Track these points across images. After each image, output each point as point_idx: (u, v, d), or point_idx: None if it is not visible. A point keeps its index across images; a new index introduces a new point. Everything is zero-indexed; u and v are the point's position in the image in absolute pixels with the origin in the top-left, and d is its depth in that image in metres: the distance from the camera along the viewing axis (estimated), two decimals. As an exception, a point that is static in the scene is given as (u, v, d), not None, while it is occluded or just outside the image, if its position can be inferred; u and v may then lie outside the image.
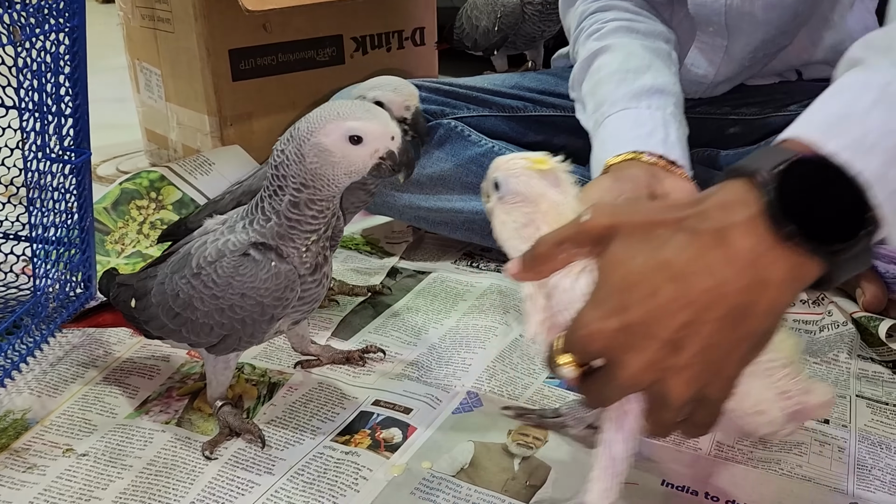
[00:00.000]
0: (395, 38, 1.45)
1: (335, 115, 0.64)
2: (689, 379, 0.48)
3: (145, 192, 1.21)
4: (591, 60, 0.95)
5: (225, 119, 1.30)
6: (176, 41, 1.31)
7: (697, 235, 0.47)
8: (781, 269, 0.46)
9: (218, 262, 0.67)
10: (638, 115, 0.84)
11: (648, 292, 0.47)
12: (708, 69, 1.02)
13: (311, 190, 0.65)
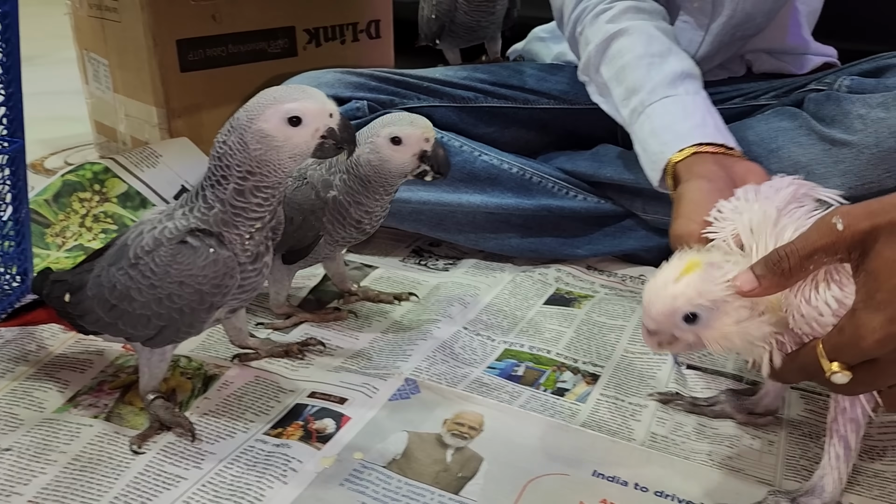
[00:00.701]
0: (349, 31, 1.44)
1: (272, 100, 0.64)
2: None
3: (88, 185, 1.18)
4: (607, 44, 0.94)
5: (173, 111, 1.27)
6: (123, 31, 1.29)
7: None
8: None
9: (155, 250, 0.66)
10: (684, 104, 0.84)
11: None
12: (688, 47, 1.02)
13: (258, 177, 0.65)
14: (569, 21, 1.01)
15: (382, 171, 0.81)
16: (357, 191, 0.83)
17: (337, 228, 0.85)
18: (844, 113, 0.86)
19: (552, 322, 0.93)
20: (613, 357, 0.86)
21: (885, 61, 0.90)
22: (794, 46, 1.08)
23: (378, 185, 0.83)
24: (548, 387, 0.80)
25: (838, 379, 0.51)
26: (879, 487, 0.66)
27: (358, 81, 1.09)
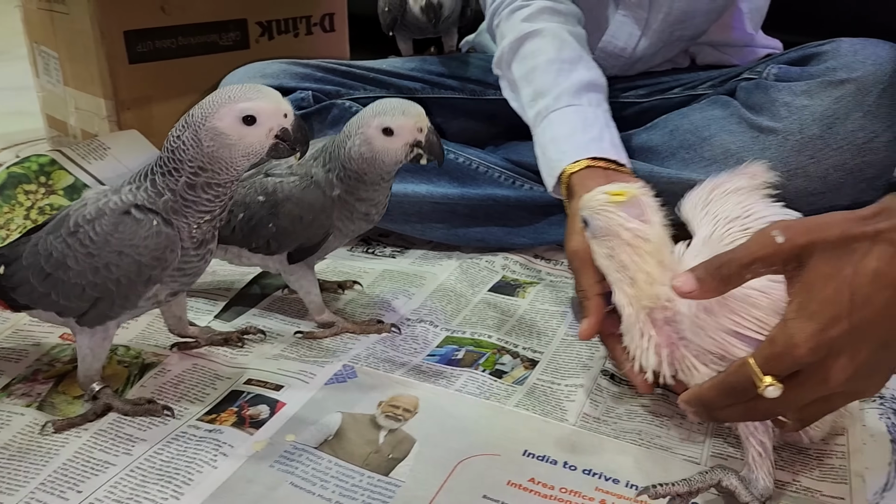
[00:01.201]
0: (303, 24, 1.44)
1: (227, 99, 0.65)
2: (886, 374, 0.52)
3: (34, 177, 1.17)
4: (521, 42, 0.96)
5: (122, 103, 1.26)
6: (71, 23, 1.28)
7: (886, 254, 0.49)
8: None
9: (97, 219, 0.66)
10: (585, 115, 0.87)
11: (865, 301, 0.49)
12: (628, 42, 1.03)
13: (210, 174, 0.66)
14: (488, 13, 1.02)
15: (376, 163, 0.78)
16: (355, 187, 0.80)
17: (346, 224, 0.83)
18: (771, 101, 0.88)
19: (495, 309, 0.94)
20: (553, 342, 0.87)
21: (810, 50, 0.92)
22: (736, 40, 1.10)
23: (374, 176, 0.80)
24: (487, 367, 0.81)
25: (771, 392, 0.52)
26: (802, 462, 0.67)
27: (303, 72, 1.09)
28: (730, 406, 0.55)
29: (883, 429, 0.72)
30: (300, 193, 0.80)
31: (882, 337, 0.50)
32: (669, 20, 1.00)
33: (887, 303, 0.49)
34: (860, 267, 0.50)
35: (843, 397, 0.54)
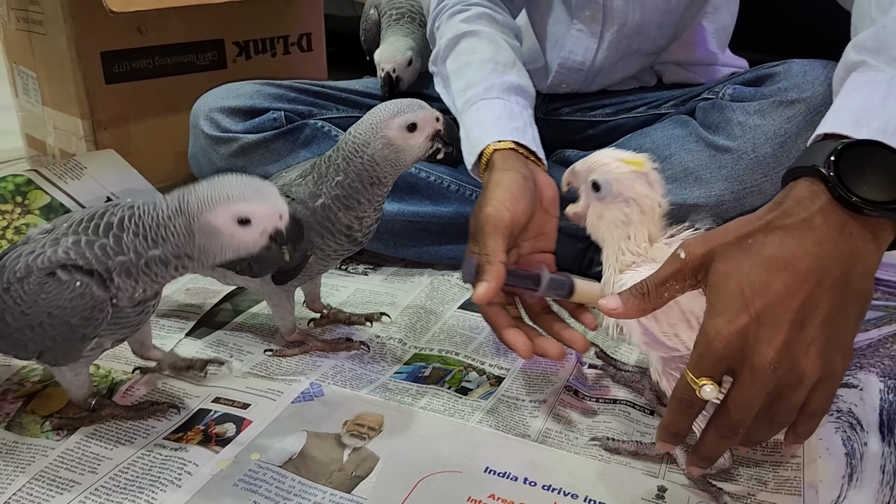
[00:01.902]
0: (280, 44, 1.45)
1: (225, 197, 0.64)
2: (818, 351, 0.53)
3: (10, 197, 1.18)
4: (457, 40, 0.98)
5: (99, 123, 1.27)
6: (49, 43, 1.29)
7: (788, 230, 0.54)
8: (862, 235, 0.54)
9: (26, 278, 0.66)
10: (511, 109, 0.89)
11: (764, 286, 0.53)
12: (585, 55, 1.05)
13: (193, 261, 0.66)
14: (430, 17, 1.05)
15: (398, 161, 0.79)
16: (357, 190, 0.79)
17: (327, 240, 0.82)
18: (727, 120, 0.90)
19: (464, 326, 0.95)
20: (518, 359, 0.88)
21: (764, 70, 0.94)
22: (701, 58, 1.12)
23: (387, 179, 0.80)
24: (452, 384, 0.82)
25: (707, 392, 0.54)
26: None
27: (276, 93, 1.11)
28: (687, 421, 0.57)
29: (838, 441, 0.73)
30: None
31: (791, 317, 0.52)
32: (624, 32, 1.02)
33: (785, 285, 0.52)
34: (755, 258, 0.53)
35: (798, 387, 0.54)
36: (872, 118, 0.56)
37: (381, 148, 0.78)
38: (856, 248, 0.54)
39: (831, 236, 0.53)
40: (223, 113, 1.08)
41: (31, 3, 1.30)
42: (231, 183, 0.66)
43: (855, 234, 0.54)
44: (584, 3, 1.02)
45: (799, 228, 0.54)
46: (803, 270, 0.52)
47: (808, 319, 0.53)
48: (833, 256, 0.53)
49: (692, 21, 1.08)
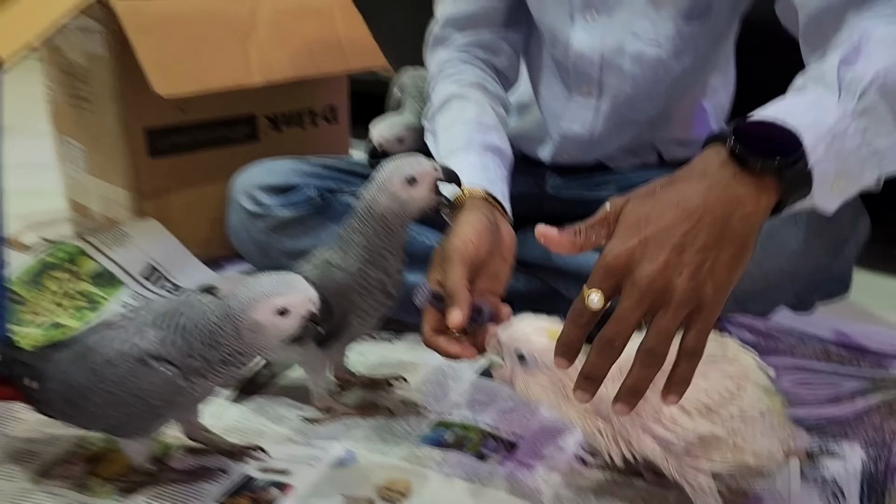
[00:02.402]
0: (307, 117, 1.56)
1: (262, 295, 0.75)
2: (691, 274, 0.63)
3: (62, 264, 1.28)
4: (449, 100, 1.10)
5: (143, 193, 1.38)
6: (97, 119, 1.40)
7: (687, 179, 0.66)
8: (747, 187, 0.65)
9: (117, 363, 0.76)
10: (486, 164, 1.01)
11: (656, 218, 0.64)
12: (583, 126, 1.15)
13: (246, 356, 0.78)
14: (431, 80, 1.17)
15: (405, 213, 0.88)
16: (378, 246, 0.89)
17: (366, 299, 0.91)
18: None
19: (481, 393, 1.04)
20: (531, 425, 0.96)
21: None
22: (700, 137, 1.22)
23: (399, 231, 0.90)
24: (472, 450, 0.91)
25: (593, 300, 0.63)
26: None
27: (309, 170, 1.21)
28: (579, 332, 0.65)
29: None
30: (321, 280, 0.89)
31: (674, 242, 0.63)
32: (618, 104, 1.12)
33: (674, 216, 0.64)
34: (655, 199, 0.65)
35: (670, 306, 0.62)
36: (790, 114, 0.68)
37: (388, 204, 0.88)
38: (740, 195, 0.64)
39: (720, 183, 0.65)
40: (261, 190, 1.18)
41: (80, 81, 1.41)
42: (265, 282, 0.77)
43: (742, 184, 0.65)
44: (581, 80, 1.12)
45: (696, 177, 0.66)
46: (691, 207, 0.64)
47: (687, 246, 0.63)
48: (719, 199, 0.64)
49: (685, 96, 1.17)
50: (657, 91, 1.11)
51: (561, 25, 1.11)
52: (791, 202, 0.68)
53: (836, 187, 0.71)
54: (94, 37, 1.32)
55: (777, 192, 0.66)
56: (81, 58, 1.38)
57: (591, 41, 1.09)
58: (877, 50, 0.74)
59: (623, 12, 1.07)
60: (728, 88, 1.24)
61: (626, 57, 1.08)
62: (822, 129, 0.68)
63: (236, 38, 1.35)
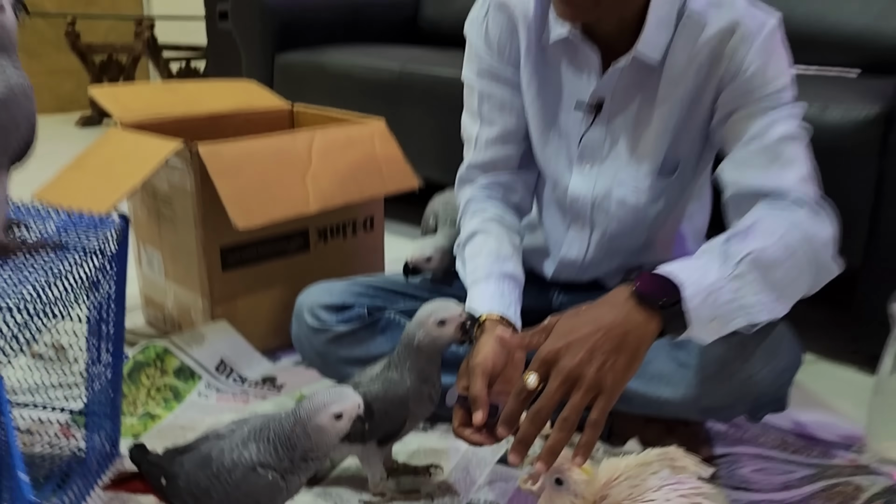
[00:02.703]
0: (350, 227, 1.84)
1: (323, 404, 1.02)
2: (597, 368, 0.92)
3: (152, 362, 1.55)
4: (474, 234, 1.36)
5: (215, 300, 1.65)
6: (177, 237, 1.68)
7: (601, 305, 0.96)
8: (640, 316, 0.95)
9: (233, 470, 1.01)
10: (503, 291, 1.28)
11: (578, 328, 0.94)
12: (578, 254, 1.42)
13: (317, 452, 1.03)
14: (460, 213, 1.44)
15: (436, 346, 1.16)
16: (423, 368, 1.17)
17: (418, 407, 1.18)
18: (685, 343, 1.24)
19: (501, 478, 1.29)
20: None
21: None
22: (680, 256, 1.48)
23: (434, 357, 1.18)
24: (495, 532, 1.16)
25: (530, 381, 0.93)
26: None
27: (359, 290, 1.48)
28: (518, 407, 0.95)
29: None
30: (385, 394, 1.17)
31: (586, 346, 0.93)
32: (604, 238, 1.38)
33: (588, 330, 0.93)
34: (577, 316, 0.96)
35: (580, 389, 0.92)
36: (680, 272, 0.98)
37: (423, 339, 1.16)
38: (635, 320, 0.94)
39: (623, 311, 0.95)
40: (321, 308, 1.44)
41: (164, 204, 1.70)
42: (324, 395, 1.03)
43: (637, 313, 0.94)
44: (576, 216, 1.39)
45: (608, 305, 0.96)
46: (601, 325, 0.93)
47: (596, 350, 0.92)
48: (620, 322, 0.94)
49: (665, 226, 1.44)
50: (637, 229, 1.38)
51: (561, 173, 1.38)
52: (671, 331, 0.98)
53: (711, 327, 1.00)
54: (181, 172, 1.61)
55: (660, 324, 0.96)
56: (166, 186, 1.67)
57: (585, 187, 1.36)
58: (759, 234, 1.05)
59: (610, 166, 1.34)
60: (704, 212, 1.51)
61: (612, 201, 1.35)
62: (702, 285, 0.98)
63: (297, 173, 1.64)
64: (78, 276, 1.08)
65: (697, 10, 1.19)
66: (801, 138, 1.16)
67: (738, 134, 1.18)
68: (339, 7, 3.06)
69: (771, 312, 1.04)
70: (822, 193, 1.16)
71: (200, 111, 1.91)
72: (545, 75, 1.33)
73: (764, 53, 1.16)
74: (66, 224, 1.16)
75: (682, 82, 1.22)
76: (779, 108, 1.15)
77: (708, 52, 1.19)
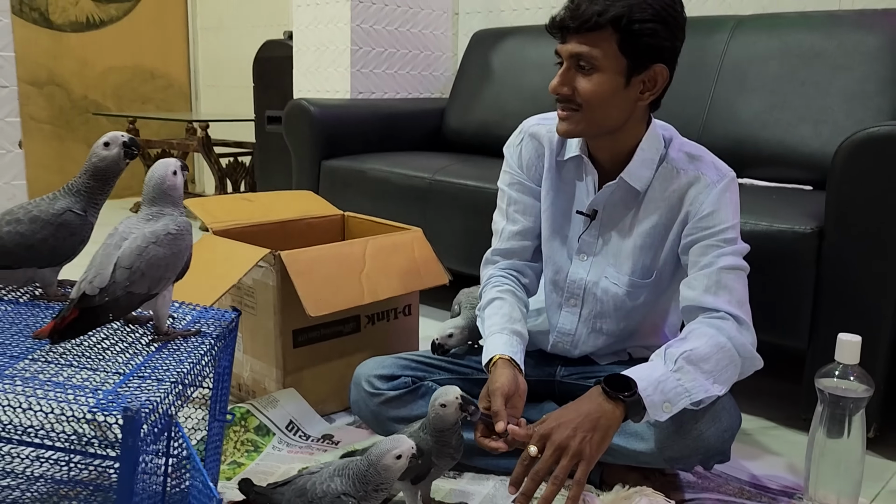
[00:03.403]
0: (392, 313, 2.26)
1: (387, 449, 1.40)
2: (579, 442, 1.35)
3: (238, 422, 1.95)
4: (493, 300, 1.78)
5: (286, 371, 2.06)
6: (257, 321, 2.10)
7: (582, 401, 1.38)
8: (609, 405, 1.37)
9: (324, 498, 1.40)
10: (512, 342, 1.68)
11: (565, 416, 1.37)
12: (570, 329, 1.83)
13: (385, 484, 1.42)
14: (482, 285, 1.86)
15: (445, 421, 1.54)
16: (439, 434, 1.55)
17: (440, 459, 1.56)
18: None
19: (516, 514, 1.67)
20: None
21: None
22: (660, 344, 1.88)
23: (446, 427, 1.55)
24: (511, 552, 1.53)
25: (532, 451, 1.36)
26: None
27: (405, 363, 1.88)
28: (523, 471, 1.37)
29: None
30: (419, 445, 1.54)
31: (571, 426, 1.34)
32: (592, 314, 1.78)
33: (573, 416, 1.35)
34: (567, 409, 1.38)
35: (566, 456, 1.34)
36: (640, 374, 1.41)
37: (435, 417, 1.55)
38: (606, 409, 1.36)
39: (597, 403, 1.36)
40: (375, 378, 1.85)
41: (247, 294, 2.13)
42: (387, 441, 1.42)
43: (607, 404, 1.36)
44: (571, 296, 1.80)
45: (586, 400, 1.37)
46: (581, 413, 1.35)
47: (578, 430, 1.34)
48: (595, 410, 1.35)
49: (646, 319, 1.83)
50: (617, 314, 1.79)
51: (564, 262, 1.80)
52: (633, 415, 1.39)
53: (665, 408, 1.41)
54: (264, 270, 2.05)
55: (625, 410, 1.38)
56: (251, 281, 2.11)
57: (581, 273, 1.78)
58: (692, 339, 1.49)
59: (601, 261, 1.76)
60: (679, 310, 1.90)
61: (600, 287, 1.76)
62: (651, 379, 1.40)
63: (354, 273, 2.07)
64: (210, 355, 1.50)
65: (675, 159, 1.64)
66: (740, 271, 1.59)
67: (696, 259, 1.61)
68: (376, 119, 3.58)
69: (707, 392, 1.45)
70: (748, 314, 1.58)
71: (272, 218, 2.38)
72: (560, 187, 1.78)
73: (717, 202, 1.59)
74: (198, 316, 1.59)
75: (657, 211, 1.65)
76: (725, 246, 1.58)
77: (678, 194, 1.63)
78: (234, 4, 5.69)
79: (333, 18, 3.81)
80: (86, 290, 1.27)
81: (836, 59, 2.61)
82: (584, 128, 1.58)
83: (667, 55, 1.50)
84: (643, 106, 1.59)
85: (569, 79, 1.52)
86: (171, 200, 1.38)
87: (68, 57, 5.53)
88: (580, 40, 1.47)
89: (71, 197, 1.46)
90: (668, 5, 1.46)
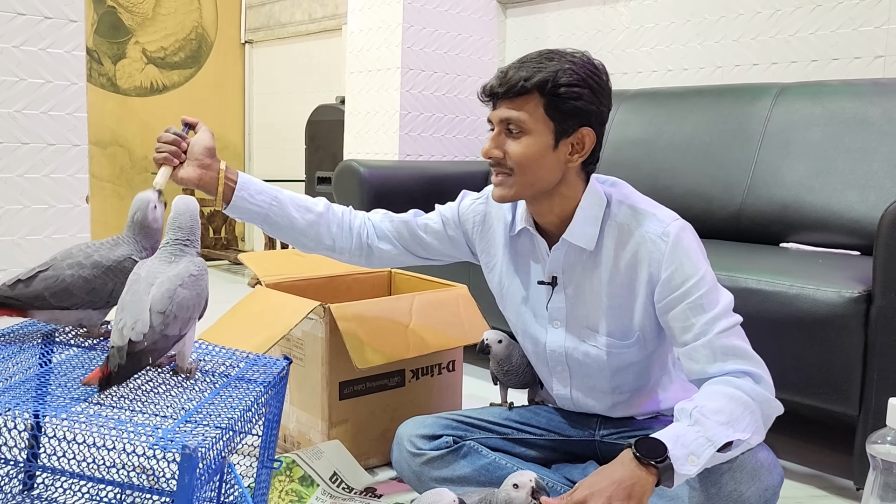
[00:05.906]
0: (436, 368, 2.29)
1: (429, 501, 1.43)
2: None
3: (283, 472, 1.98)
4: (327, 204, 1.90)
5: (331, 423, 2.10)
6: (305, 372, 2.15)
7: (614, 465, 1.35)
8: (642, 472, 1.33)
9: None
10: (257, 181, 1.82)
11: (599, 483, 1.33)
12: (565, 392, 1.84)
13: None
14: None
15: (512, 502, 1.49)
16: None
17: None
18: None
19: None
20: None
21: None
22: (667, 409, 1.85)
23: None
24: None
25: None
26: None
27: (447, 423, 1.90)
28: None
29: None
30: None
31: (606, 494, 1.31)
32: (579, 379, 1.79)
33: (606, 484, 1.33)
34: (600, 475, 1.36)
35: None
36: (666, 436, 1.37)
37: (503, 497, 1.48)
38: (639, 475, 1.32)
39: (629, 469, 1.33)
40: (417, 437, 1.87)
41: (296, 346, 2.19)
42: (429, 495, 1.44)
43: (640, 470, 1.32)
44: (555, 365, 1.81)
45: (618, 465, 1.34)
46: (615, 479, 1.32)
47: (613, 498, 1.31)
48: (628, 477, 1.31)
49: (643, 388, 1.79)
50: (604, 375, 1.78)
51: (539, 333, 1.81)
52: (665, 479, 1.36)
53: (690, 461, 1.37)
54: (314, 323, 2.11)
55: (657, 475, 1.36)
56: (300, 332, 2.17)
57: (559, 341, 1.78)
58: (701, 395, 1.49)
59: (574, 325, 1.75)
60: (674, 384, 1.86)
61: (580, 352, 1.76)
62: (670, 435, 1.38)
63: (401, 327, 2.12)
64: (259, 402, 1.55)
65: (620, 220, 1.66)
66: (736, 327, 1.57)
67: (683, 326, 1.57)
68: (422, 180, 3.67)
69: (730, 437, 1.43)
70: (759, 362, 1.55)
71: (321, 273, 2.45)
72: (518, 261, 1.82)
73: (673, 259, 1.58)
74: (250, 363, 1.65)
75: (616, 272, 1.66)
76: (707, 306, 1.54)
77: (631, 256, 1.63)
78: (289, 72, 5.95)
79: (384, 85, 3.96)
80: (131, 336, 1.32)
81: (881, 126, 2.62)
82: (518, 191, 1.62)
83: (593, 119, 1.54)
84: (575, 167, 1.62)
85: (500, 143, 1.57)
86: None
87: (132, 120, 5.82)
88: (509, 105, 1.53)
89: (131, 245, 1.56)
90: (593, 72, 1.52)
